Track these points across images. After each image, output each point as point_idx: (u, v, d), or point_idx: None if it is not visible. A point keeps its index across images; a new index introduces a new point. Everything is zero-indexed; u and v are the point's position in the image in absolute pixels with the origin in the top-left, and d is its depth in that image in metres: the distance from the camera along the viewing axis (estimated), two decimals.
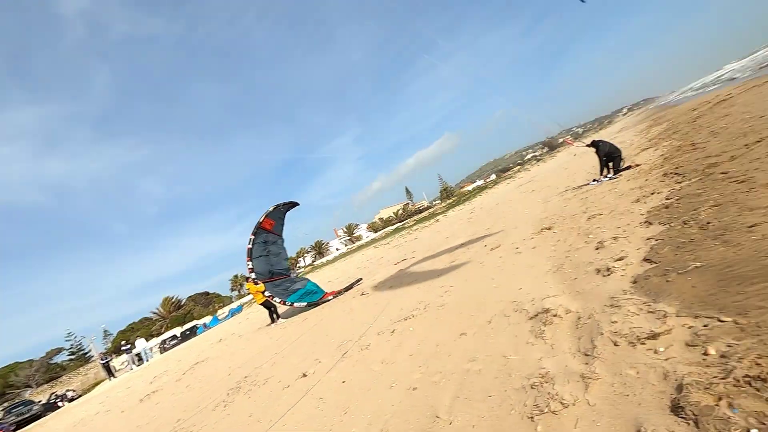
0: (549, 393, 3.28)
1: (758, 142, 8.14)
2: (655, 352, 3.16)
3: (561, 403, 3.10)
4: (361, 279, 17.21)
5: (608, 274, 5.16)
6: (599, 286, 4.97)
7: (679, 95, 69.01)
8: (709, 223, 5.21)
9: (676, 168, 9.56)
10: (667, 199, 7.34)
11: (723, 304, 3.34)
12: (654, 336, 3.33)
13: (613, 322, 3.88)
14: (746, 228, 4.53)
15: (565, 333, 4.22)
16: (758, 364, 2.49)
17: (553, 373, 3.57)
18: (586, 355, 3.61)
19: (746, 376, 2.42)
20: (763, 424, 2.09)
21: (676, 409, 2.51)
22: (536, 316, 4.93)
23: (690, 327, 3.25)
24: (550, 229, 9.56)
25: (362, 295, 12.90)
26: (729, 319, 3.08)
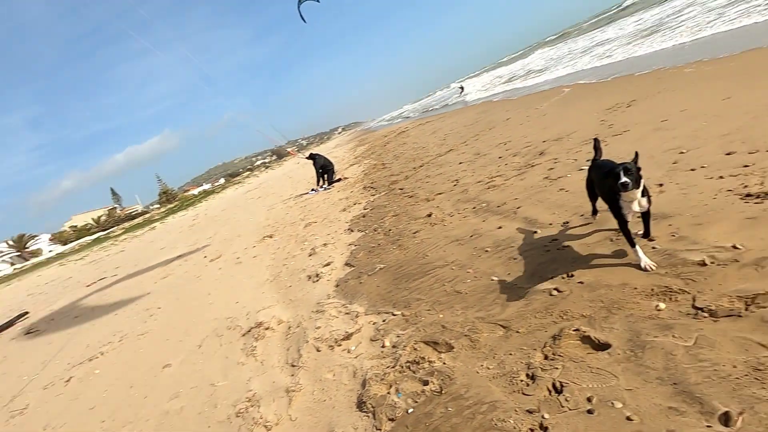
0: (254, 418, 3.11)
1: (421, 166, 10.83)
2: (349, 351, 3.50)
3: (265, 426, 2.98)
4: (28, 312, 12.75)
5: (317, 280, 5.55)
6: (309, 293, 5.26)
7: (377, 123, 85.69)
8: (390, 230, 6.41)
9: (372, 182, 11.58)
10: (365, 209, 8.69)
11: (396, 299, 4.06)
12: (348, 336, 3.70)
13: (317, 328, 4.11)
14: (412, 234, 5.80)
15: (276, 346, 4.20)
16: (415, 349, 3.08)
17: (261, 393, 3.44)
18: (293, 366, 3.67)
19: (408, 361, 2.95)
20: (416, 401, 2.57)
21: (360, 404, 2.79)
22: (249, 331, 4.74)
23: (374, 323, 3.78)
24: (271, 237, 9.71)
25: (28, 334, 9.51)
26: (399, 312, 3.75)
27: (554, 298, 2.95)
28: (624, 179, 2.62)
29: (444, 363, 2.79)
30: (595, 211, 3.75)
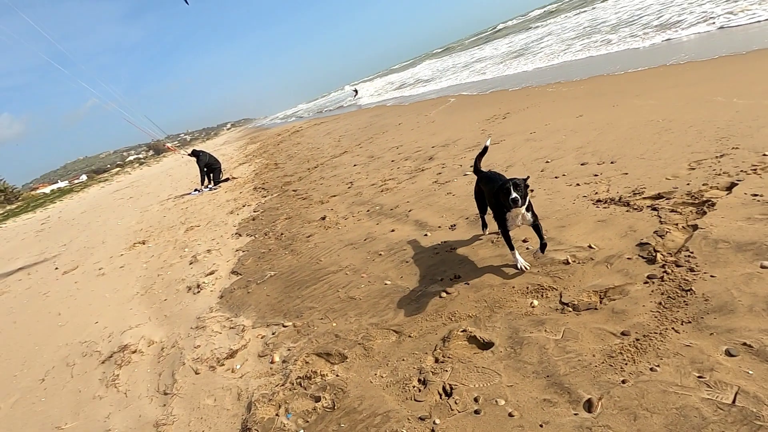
0: None
1: (315, 167, 10.60)
2: (233, 371, 3.16)
3: None
4: None
5: (198, 291, 4.99)
6: (189, 306, 4.69)
7: (270, 120, 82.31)
8: (282, 234, 6.09)
9: (264, 183, 10.97)
10: (254, 211, 8.16)
11: (287, 309, 3.82)
12: (233, 354, 3.35)
13: (196, 347, 3.66)
14: (305, 238, 5.57)
15: (145, 372, 3.63)
16: (307, 363, 2.91)
17: (123, 431, 2.92)
18: (165, 394, 3.19)
19: (298, 377, 2.76)
20: (307, 421, 2.40)
21: (245, 431, 2.52)
22: (111, 357, 4.03)
23: (262, 337, 3.49)
24: (144, 243, 8.55)
25: None
26: (290, 323, 3.52)
27: (443, 300, 3.04)
28: (514, 195, 2.68)
29: (337, 375, 2.66)
30: (484, 225, 3.76)
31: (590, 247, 3.03)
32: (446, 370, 2.36)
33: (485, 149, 3.68)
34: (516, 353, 2.30)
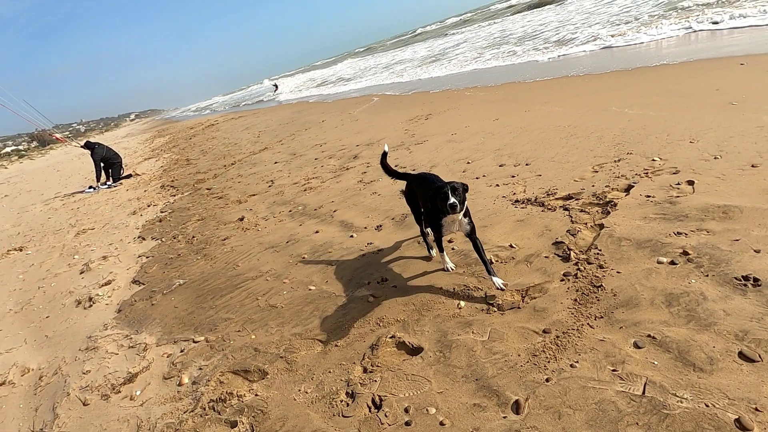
0: None
1: (232, 164, 9.91)
2: (132, 398, 2.74)
3: None
4: None
5: (90, 305, 4.32)
6: (77, 324, 4.04)
7: (181, 113, 76.23)
8: (194, 237, 5.54)
9: (173, 181, 10.00)
10: (162, 212, 7.37)
11: (199, 321, 3.44)
12: (132, 378, 2.92)
13: (85, 373, 3.13)
14: (221, 241, 5.12)
15: (16, 408, 3.01)
16: (221, 383, 2.61)
17: None
18: None
19: (211, 400, 2.46)
20: None
21: None
22: None
23: (168, 356, 3.09)
24: (21, 249, 7.29)
25: None
26: (202, 338, 3.16)
27: (371, 305, 2.93)
28: (452, 200, 2.47)
29: (256, 395, 2.41)
30: (424, 235, 3.38)
31: (511, 246, 3.13)
32: (375, 380, 2.25)
33: (384, 154, 3.49)
34: (445, 357, 2.27)
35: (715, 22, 9.81)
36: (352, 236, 4.15)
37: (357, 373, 2.35)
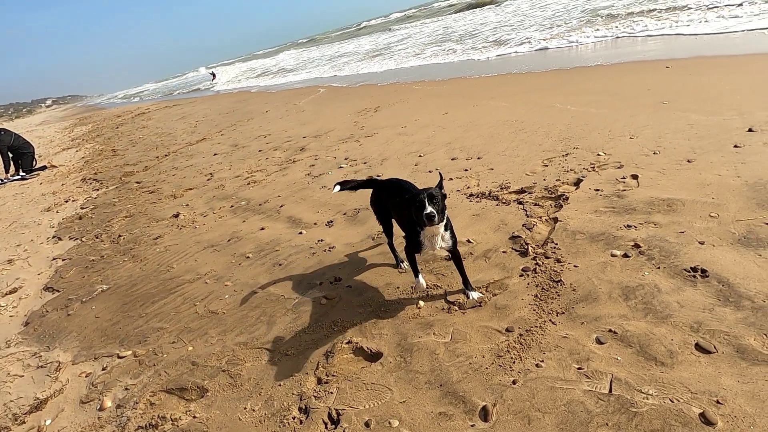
0: None
1: (166, 156, 9.12)
2: (40, 430, 2.32)
3: None
4: None
5: None
6: None
7: (107, 99, 70.06)
8: (120, 236, 4.95)
9: (96, 173, 9.01)
10: (82, 208, 6.57)
11: (125, 333, 3.02)
12: (40, 405, 2.48)
13: None
14: (153, 240, 4.62)
15: None
16: (152, 404, 2.27)
17: None
18: None
19: (139, 427, 2.13)
20: None
21: None
22: None
23: (87, 375, 2.67)
24: None
25: None
26: (129, 352, 2.77)
27: (324, 308, 2.71)
28: (429, 210, 2.07)
29: (194, 417, 2.12)
30: (393, 250, 2.99)
31: (469, 241, 3.05)
32: (331, 392, 2.05)
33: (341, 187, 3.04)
34: (406, 362, 2.12)
35: (641, 29, 10.56)
36: (301, 233, 3.89)
37: (311, 384, 2.14)
